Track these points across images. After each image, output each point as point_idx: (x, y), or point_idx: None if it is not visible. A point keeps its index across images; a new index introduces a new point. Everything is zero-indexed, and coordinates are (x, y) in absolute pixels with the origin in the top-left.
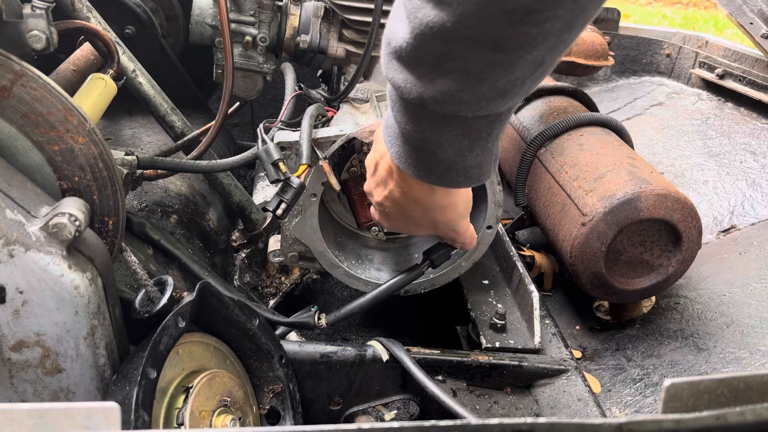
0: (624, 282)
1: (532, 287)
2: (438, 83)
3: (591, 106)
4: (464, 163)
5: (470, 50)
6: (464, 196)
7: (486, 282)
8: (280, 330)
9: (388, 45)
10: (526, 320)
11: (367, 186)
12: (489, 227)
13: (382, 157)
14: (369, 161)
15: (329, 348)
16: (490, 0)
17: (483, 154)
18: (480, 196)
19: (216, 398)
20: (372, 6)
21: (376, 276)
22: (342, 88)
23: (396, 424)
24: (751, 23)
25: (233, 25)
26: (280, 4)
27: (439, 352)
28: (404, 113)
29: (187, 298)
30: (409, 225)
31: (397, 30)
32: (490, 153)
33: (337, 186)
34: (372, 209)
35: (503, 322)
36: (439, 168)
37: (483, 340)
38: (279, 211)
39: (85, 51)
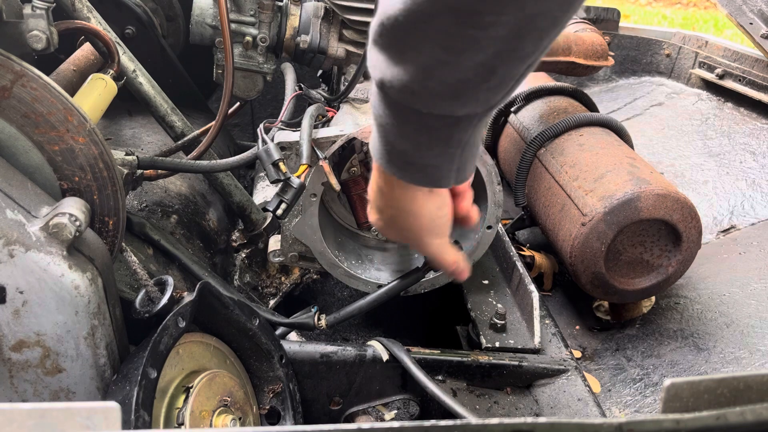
0: (624, 282)
1: (532, 287)
2: (396, 69)
3: (591, 106)
4: (422, 160)
5: (422, 43)
6: (428, 208)
7: (486, 282)
8: (280, 330)
9: (371, 28)
10: (526, 320)
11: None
12: (489, 227)
13: None
14: None
15: (329, 348)
16: None
17: (442, 157)
18: (480, 196)
19: (216, 398)
20: (372, 6)
21: (376, 276)
22: (342, 88)
23: (396, 424)
24: (751, 23)
25: (233, 26)
26: (281, 4)
27: (439, 352)
28: (375, 95)
29: (188, 298)
30: (384, 224)
31: (377, 15)
32: (451, 159)
33: (337, 186)
34: None
35: (503, 322)
36: (399, 159)
37: (483, 340)
38: (279, 211)
39: (85, 51)
